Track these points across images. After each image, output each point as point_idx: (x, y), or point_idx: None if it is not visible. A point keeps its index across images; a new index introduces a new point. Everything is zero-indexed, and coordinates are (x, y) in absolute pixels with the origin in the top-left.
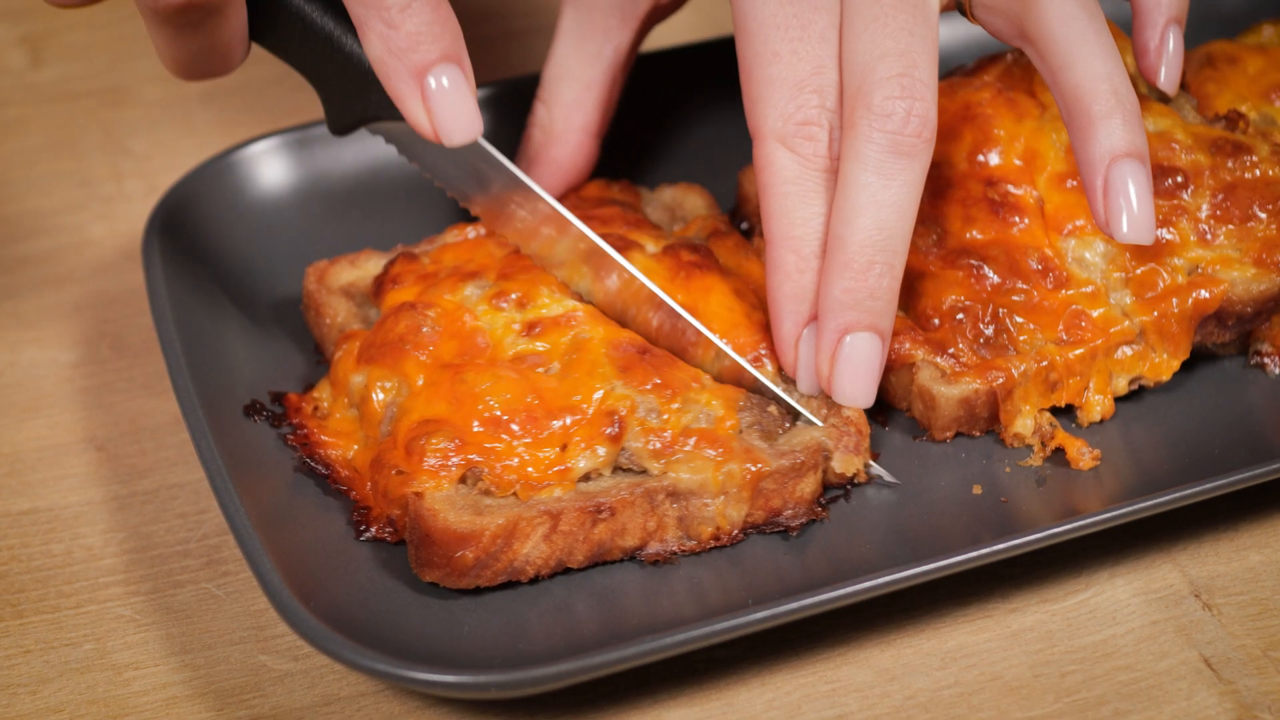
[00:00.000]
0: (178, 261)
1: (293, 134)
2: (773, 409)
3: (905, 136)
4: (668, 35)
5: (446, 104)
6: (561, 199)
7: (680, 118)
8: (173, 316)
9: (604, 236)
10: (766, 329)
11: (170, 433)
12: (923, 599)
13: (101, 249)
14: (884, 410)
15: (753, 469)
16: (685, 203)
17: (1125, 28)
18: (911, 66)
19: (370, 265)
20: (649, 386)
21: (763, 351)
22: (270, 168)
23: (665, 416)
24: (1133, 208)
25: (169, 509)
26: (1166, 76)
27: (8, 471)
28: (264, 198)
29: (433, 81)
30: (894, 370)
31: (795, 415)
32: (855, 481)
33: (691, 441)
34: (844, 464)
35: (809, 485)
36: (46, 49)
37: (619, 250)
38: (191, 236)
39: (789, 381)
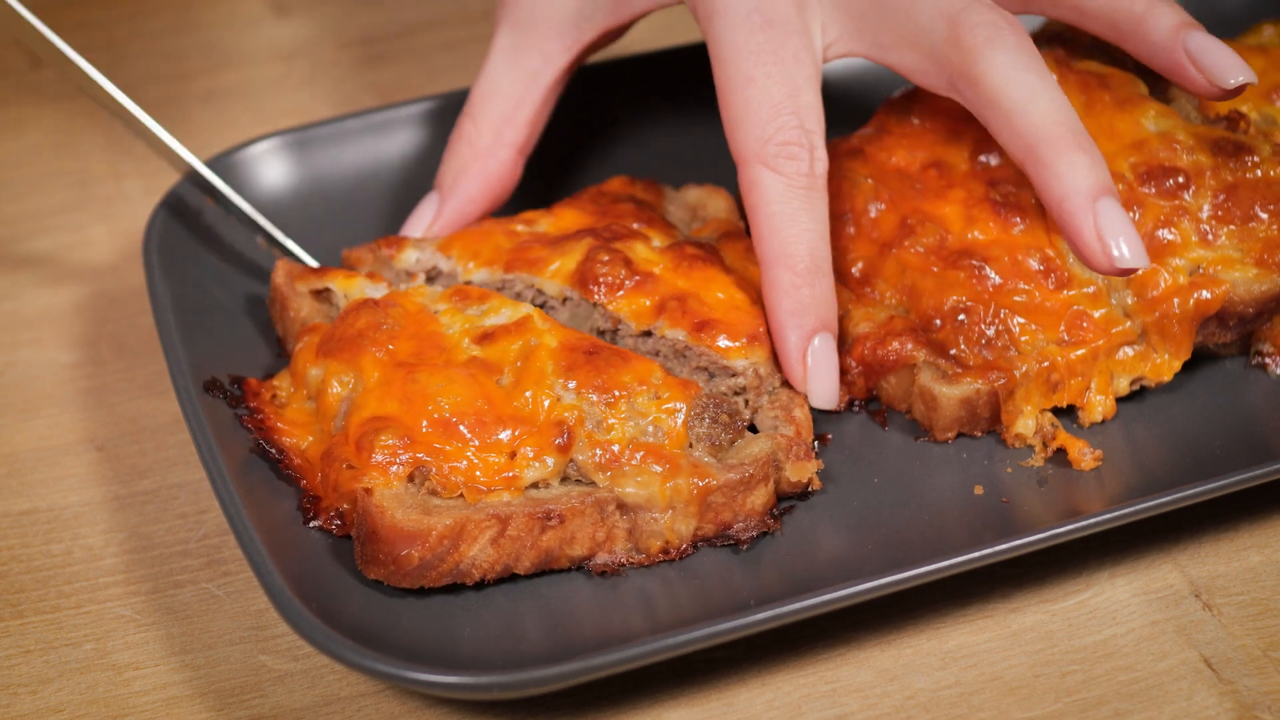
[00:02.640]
0: (177, 262)
1: (293, 134)
2: (725, 415)
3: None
4: (689, 31)
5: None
6: (582, 193)
7: (708, 116)
8: (173, 317)
9: (603, 229)
10: (763, 317)
11: (170, 433)
12: (923, 599)
13: (101, 249)
14: (884, 412)
15: (699, 484)
16: (708, 204)
17: None
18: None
19: (336, 279)
20: (594, 388)
21: (761, 331)
22: (270, 168)
23: (611, 422)
24: (1129, 241)
25: (169, 509)
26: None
27: (8, 472)
28: (264, 198)
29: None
30: (895, 371)
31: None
32: (810, 489)
33: (639, 455)
34: (796, 472)
35: (760, 498)
36: None
37: (621, 241)
38: (191, 237)
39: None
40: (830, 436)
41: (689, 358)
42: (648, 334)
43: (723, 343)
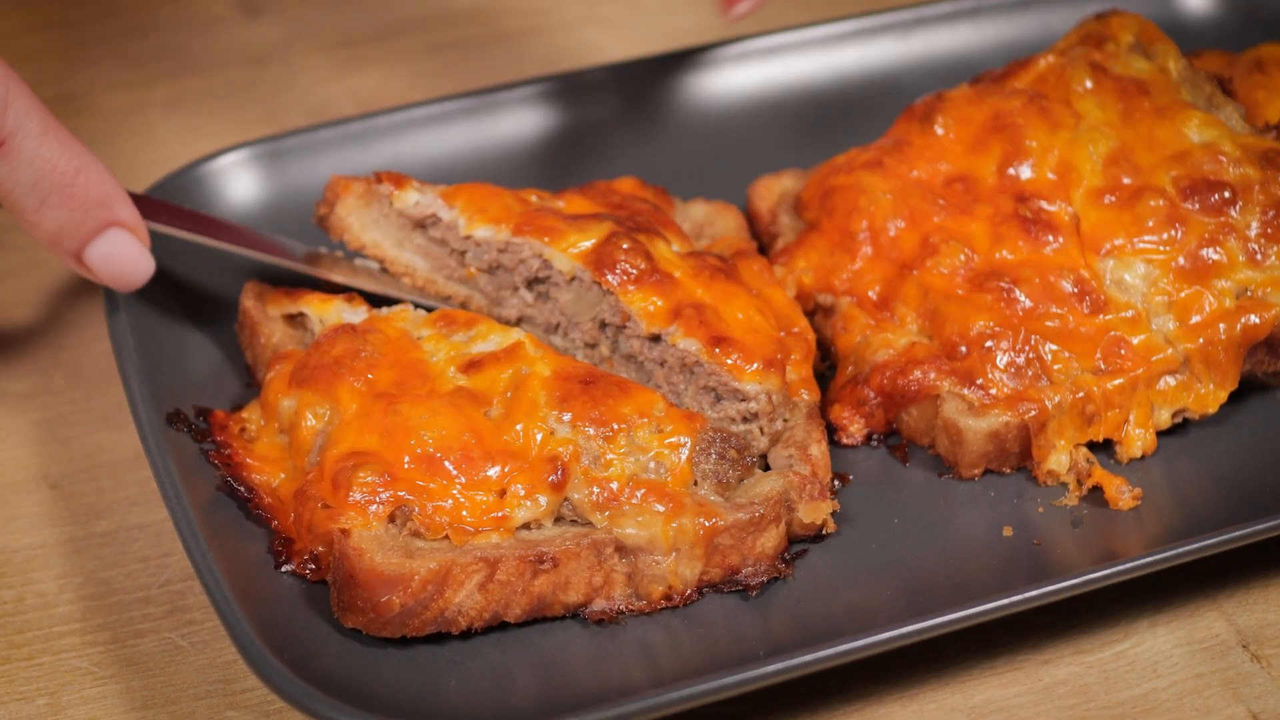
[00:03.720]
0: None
1: (264, 145)
2: (733, 451)
3: None
4: (687, 35)
5: (110, 272)
6: (591, 187)
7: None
8: (133, 342)
9: (626, 218)
10: (782, 346)
11: (130, 470)
12: (948, 650)
13: (55, 270)
14: (905, 446)
15: (705, 524)
16: (716, 221)
17: (1166, 29)
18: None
19: (311, 303)
20: (591, 420)
21: (778, 359)
22: (240, 182)
23: (609, 458)
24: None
25: (129, 552)
26: None
27: None
28: (233, 215)
29: (92, 257)
30: (917, 403)
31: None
32: (824, 532)
33: (640, 494)
34: (810, 513)
35: (770, 540)
36: None
37: (644, 234)
38: (154, 255)
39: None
40: (851, 478)
41: (697, 375)
42: (656, 339)
43: (737, 363)
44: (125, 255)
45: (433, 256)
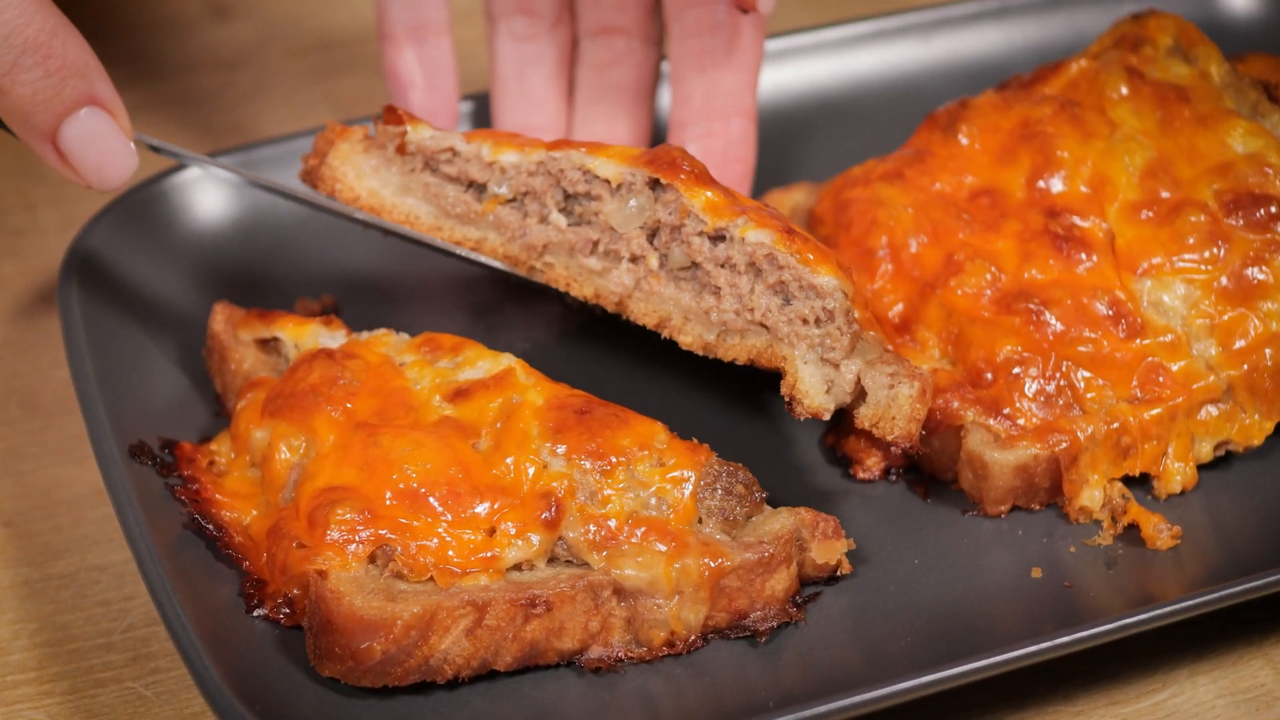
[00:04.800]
0: (99, 305)
1: (234, 156)
2: (740, 486)
3: None
4: None
5: (88, 160)
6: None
7: None
8: (93, 369)
9: (667, 160)
10: None
11: (91, 506)
12: (973, 700)
13: (10, 290)
14: (926, 481)
15: (712, 564)
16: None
17: (1208, 31)
18: None
19: (285, 326)
20: (587, 453)
21: (849, 270)
22: (208, 195)
23: (607, 493)
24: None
25: (89, 595)
26: None
27: None
28: (199, 231)
29: (68, 138)
30: (939, 433)
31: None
32: (839, 573)
33: (640, 532)
34: (823, 552)
35: (781, 582)
36: None
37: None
38: (114, 276)
39: None
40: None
41: (765, 274)
42: (720, 238)
43: (811, 258)
44: (105, 140)
45: (440, 199)
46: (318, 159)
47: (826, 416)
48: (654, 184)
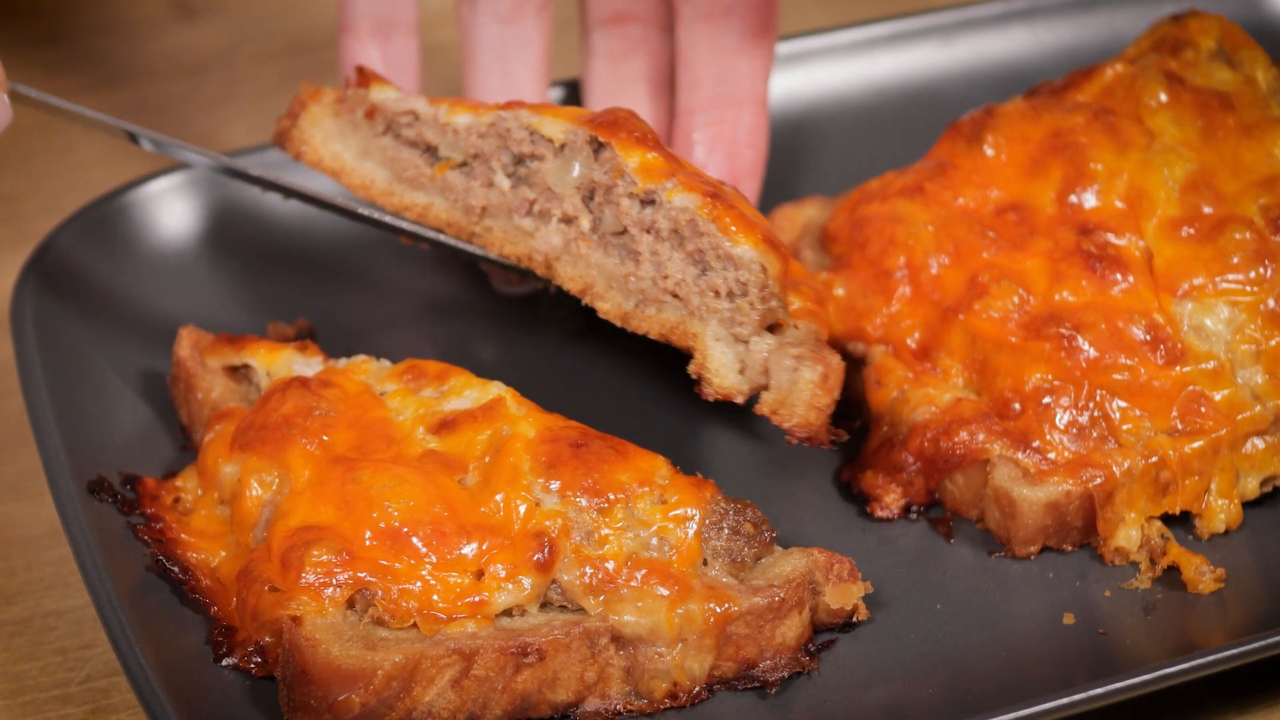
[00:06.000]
0: (55, 329)
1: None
2: (748, 525)
3: None
4: None
5: None
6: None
7: None
8: (49, 399)
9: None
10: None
11: (46, 547)
12: None
13: None
14: (950, 520)
15: (718, 610)
16: None
17: (1254, 33)
18: None
19: (256, 353)
20: (583, 490)
21: (779, 243)
22: (173, 210)
23: (604, 533)
24: None
25: (44, 643)
26: None
27: None
28: (165, 250)
29: None
30: (963, 469)
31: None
32: (855, 619)
33: (640, 575)
34: (838, 597)
35: (792, 629)
36: None
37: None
38: (72, 297)
39: None
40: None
41: (687, 240)
42: (649, 202)
43: (733, 228)
44: None
45: (397, 163)
46: (290, 120)
47: (740, 399)
48: (596, 144)
